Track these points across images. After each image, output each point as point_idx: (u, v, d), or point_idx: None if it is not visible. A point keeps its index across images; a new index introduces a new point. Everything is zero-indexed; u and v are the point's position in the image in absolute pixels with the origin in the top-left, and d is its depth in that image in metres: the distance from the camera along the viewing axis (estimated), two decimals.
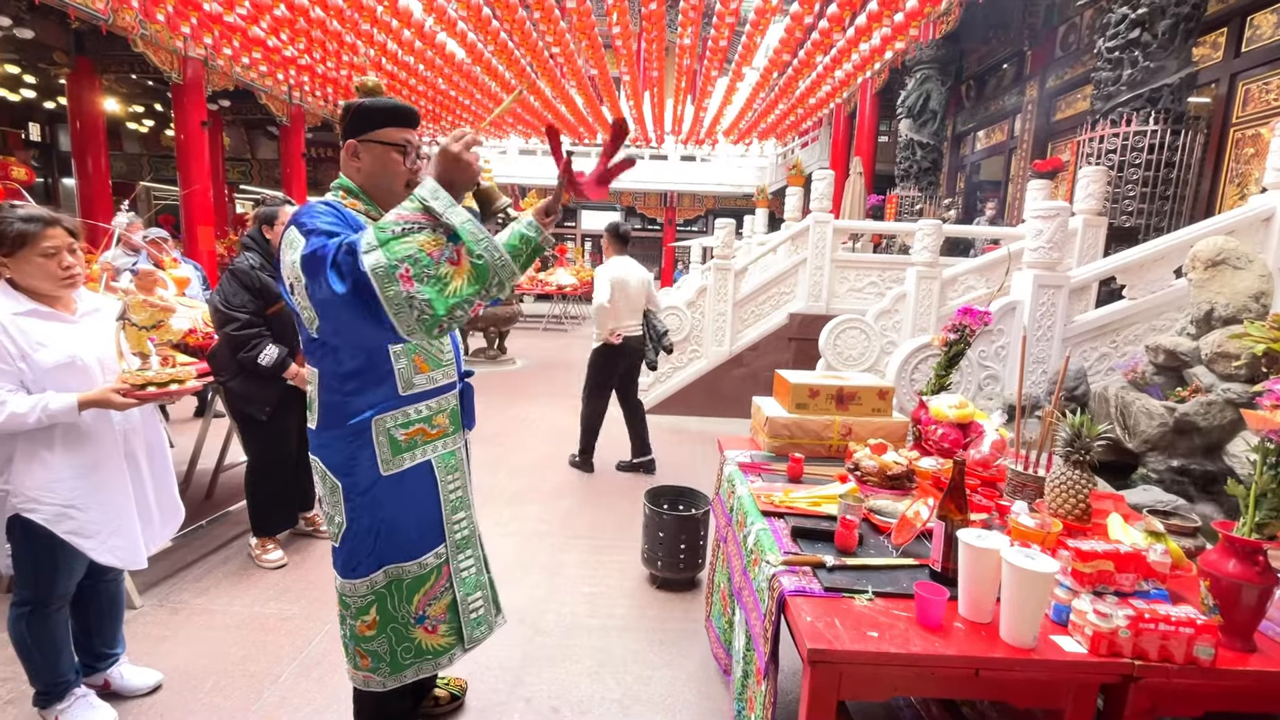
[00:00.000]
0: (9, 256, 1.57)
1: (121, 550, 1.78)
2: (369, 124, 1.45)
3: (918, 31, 7.15)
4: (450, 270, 1.22)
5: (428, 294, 1.19)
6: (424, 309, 1.19)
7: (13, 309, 1.58)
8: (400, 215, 1.21)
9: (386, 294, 1.17)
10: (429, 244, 1.20)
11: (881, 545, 1.55)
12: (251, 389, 2.62)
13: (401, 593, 1.57)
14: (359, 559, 1.53)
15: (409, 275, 1.18)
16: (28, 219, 1.57)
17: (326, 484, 1.52)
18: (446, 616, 1.65)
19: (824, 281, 5.49)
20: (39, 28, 8.30)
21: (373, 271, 1.16)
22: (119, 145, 14.79)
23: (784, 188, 14.79)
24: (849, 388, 2.24)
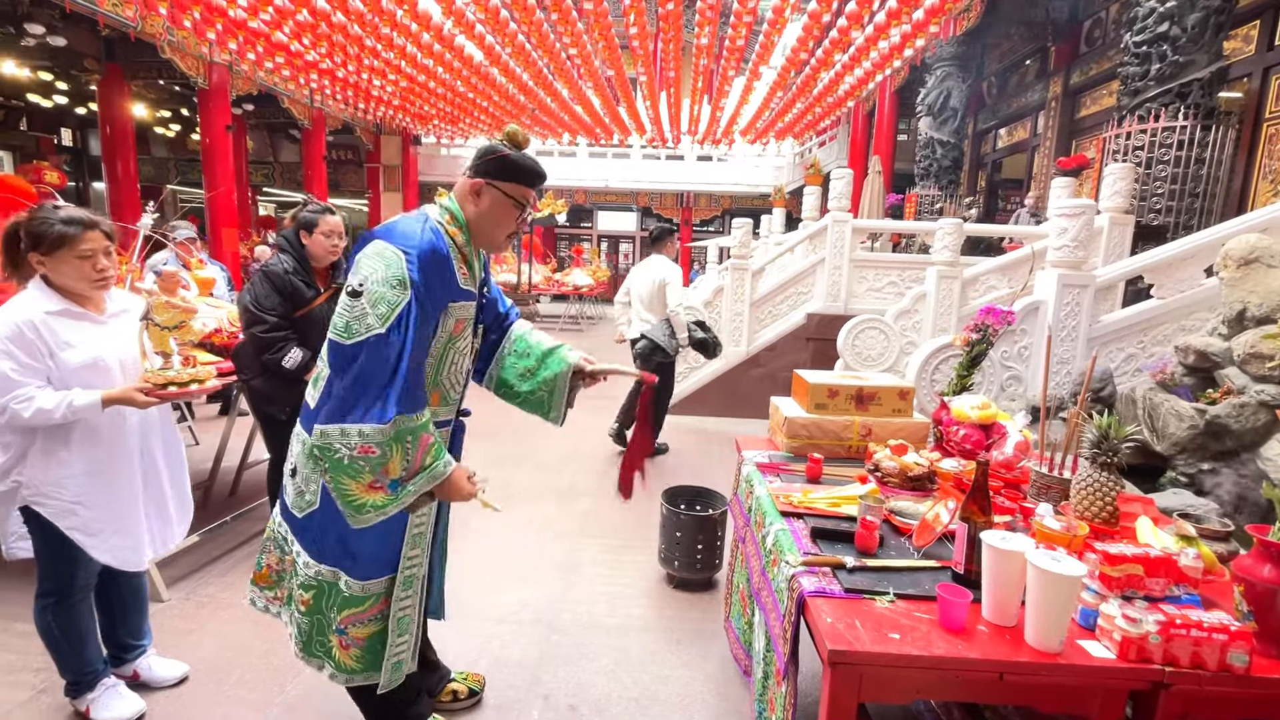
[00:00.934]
0: (47, 255, 1.61)
1: (121, 550, 1.80)
2: (506, 175, 1.50)
3: (938, 28, 7.07)
4: (364, 482, 1.41)
5: (345, 462, 1.38)
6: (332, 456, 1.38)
7: (46, 307, 1.62)
8: (424, 443, 1.41)
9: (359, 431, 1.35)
10: (391, 468, 1.39)
11: (902, 547, 1.54)
12: (273, 389, 2.66)
13: (335, 600, 1.55)
14: (316, 544, 1.53)
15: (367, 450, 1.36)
16: (68, 221, 1.61)
17: (309, 459, 1.49)
18: (365, 643, 1.59)
19: (842, 281, 5.45)
20: (71, 35, 8.52)
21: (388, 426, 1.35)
22: (147, 149, 15.13)
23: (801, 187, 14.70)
24: (869, 388, 2.22)
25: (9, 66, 10.08)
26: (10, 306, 1.60)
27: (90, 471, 1.71)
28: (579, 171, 16.74)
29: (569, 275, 13.04)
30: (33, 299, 1.62)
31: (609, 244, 20.17)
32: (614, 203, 18.36)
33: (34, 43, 8.29)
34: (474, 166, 1.52)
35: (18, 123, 12.41)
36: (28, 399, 1.55)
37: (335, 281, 2.82)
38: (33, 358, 1.57)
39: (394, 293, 1.35)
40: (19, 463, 1.66)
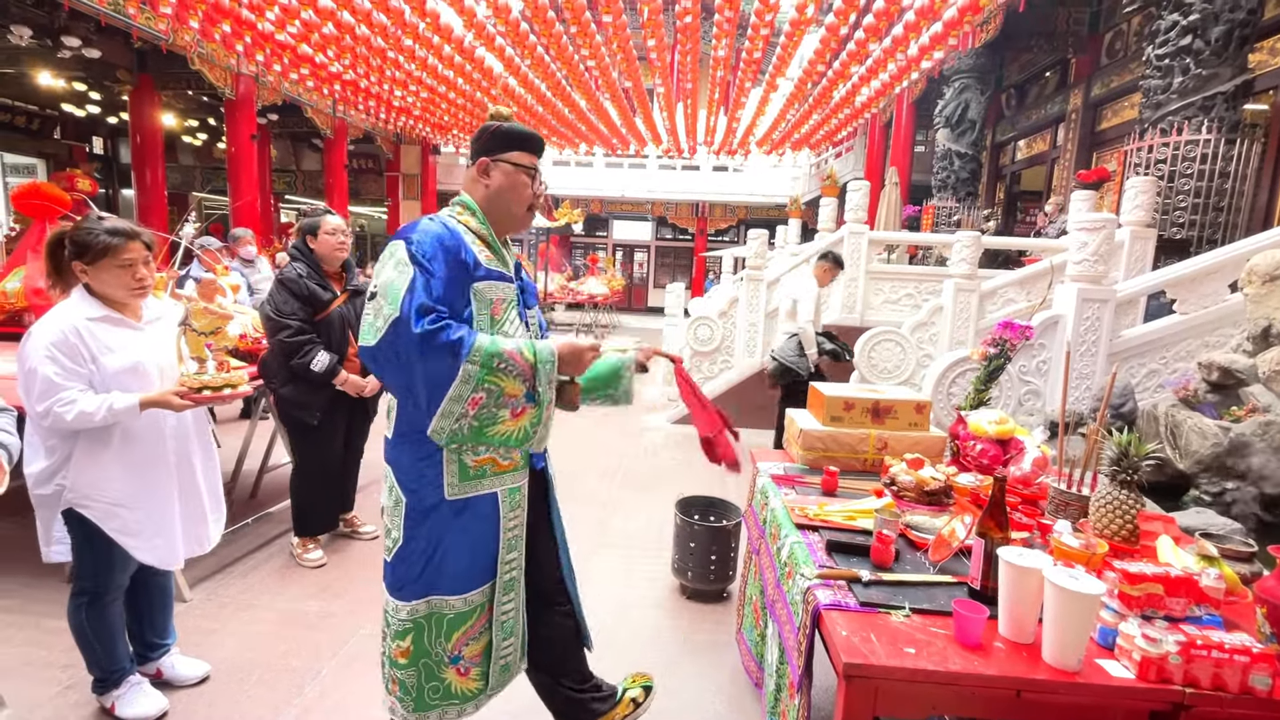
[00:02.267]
0: (90, 265, 1.67)
1: (161, 550, 1.86)
2: (504, 145, 1.51)
3: (957, 40, 7.07)
4: (506, 418, 1.40)
5: (475, 423, 1.38)
6: (462, 429, 1.38)
7: (88, 314, 1.68)
8: (512, 355, 1.37)
9: (449, 398, 1.34)
10: (512, 390, 1.38)
11: (918, 561, 1.54)
12: (302, 395, 2.72)
13: (441, 627, 1.50)
14: (406, 581, 1.48)
15: (481, 401, 1.36)
16: (112, 232, 1.67)
17: (392, 496, 1.49)
18: (480, 660, 1.57)
19: (858, 293, 5.43)
20: (105, 47, 8.78)
21: (461, 379, 1.33)
22: (174, 158, 15.48)
23: (817, 198, 14.68)
24: (885, 401, 2.22)
25: (45, 77, 10.39)
26: (55, 313, 1.66)
27: (130, 473, 1.76)
28: (595, 181, 16.88)
29: (584, 284, 13.12)
30: (76, 306, 1.68)
31: (624, 253, 20.26)
32: (629, 212, 18.46)
33: (70, 54, 8.55)
34: (473, 152, 1.54)
35: (52, 131, 12.78)
36: (70, 402, 1.60)
37: (349, 284, 2.89)
38: (75, 362, 1.63)
39: (399, 274, 1.35)
40: (63, 466, 1.71)
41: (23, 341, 1.65)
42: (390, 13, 6.61)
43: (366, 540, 3.21)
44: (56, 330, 1.63)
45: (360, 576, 2.86)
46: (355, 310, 2.86)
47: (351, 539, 3.21)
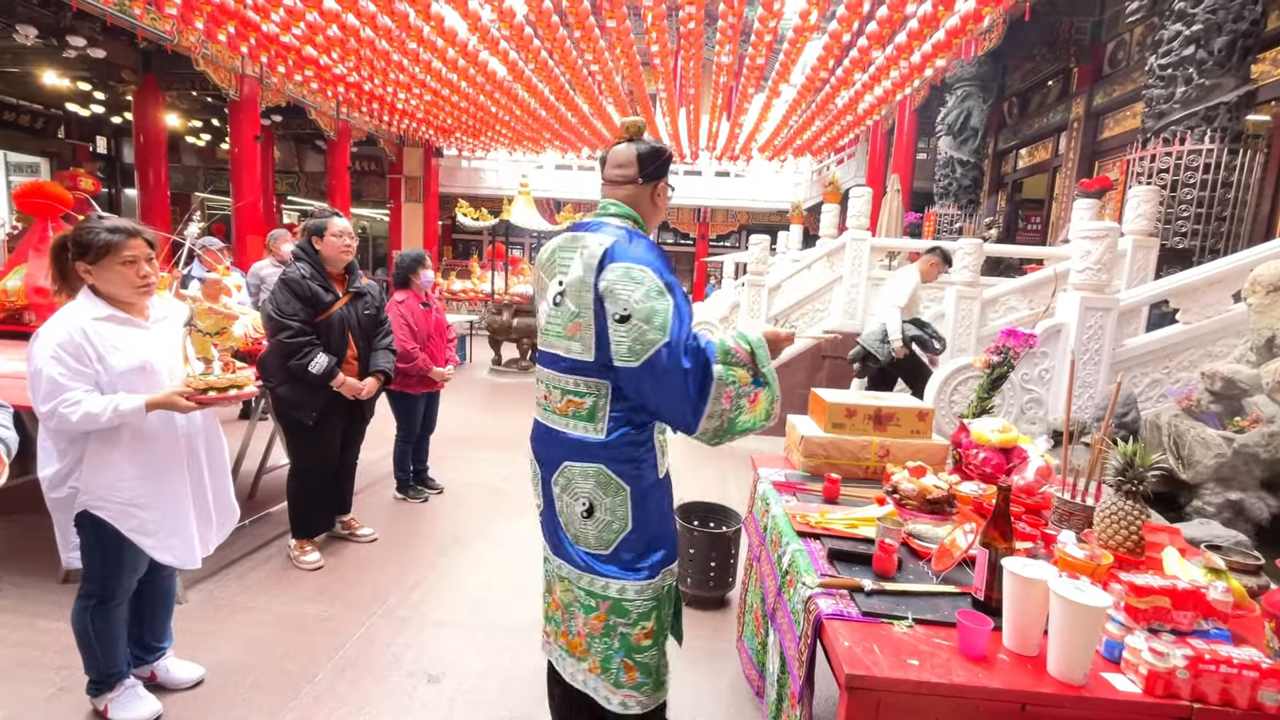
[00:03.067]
0: (94, 264, 1.66)
1: (178, 550, 1.85)
2: (666, 169, 1.66)
3: (959, 48, 7.09)
4: (746, 406, 1.50)
5: (733, 413, 1.48)
6: (723, 421, 1.47)
7: (93, 314, 1.67)
8: (734, 348, 1.50)
9: (712, 398, 1.44)
10: (744, 378, 1.49)
11: (921, 571, 1.52)
12: (299, 395, 2.71)
13: (670, 595, 1.60)
14: (645, 561, 1.54)
15: (731, 394, 1.46)
16: (113, 230, 1.67)
17: (609, 490, 1.51)
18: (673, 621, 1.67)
19: (859, 299, 5.43)
20: (110, 48, 8.81)
21: (718, 379, 1.44)
22: (177, 158, 15.52)
23: (819, 204, 14.69)
24: (887, 408, 2.21)
25: (50, 76, 10.42)
26: (61, 314, 1.65)
27: (142, 474, 1.75)
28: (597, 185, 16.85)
29: None
30: (82, 306, 1.68)
31: None
32: None
33: (75, 54, 8.58)
34: (649, 171, 1.62)
35: (55, 130, 12.81)
36: (75, 403, 1.59)
37: (352, 286, 2.88)
38: (81, 363, 1.62)
39: (660, 302, 1.43)
40: (75, 468, 1.71)
41: (30, 342, 1.64)
42: (395, 16, 6.62)
43: (364, 543, 3.19)
44: (62, 331, 1.62)
45: (357, 580, 2.85)
46: (356, 313, 2.85)
47: (349, 541, 3.19)
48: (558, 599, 1.65)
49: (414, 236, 15.57)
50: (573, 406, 1.55)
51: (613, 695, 1.55)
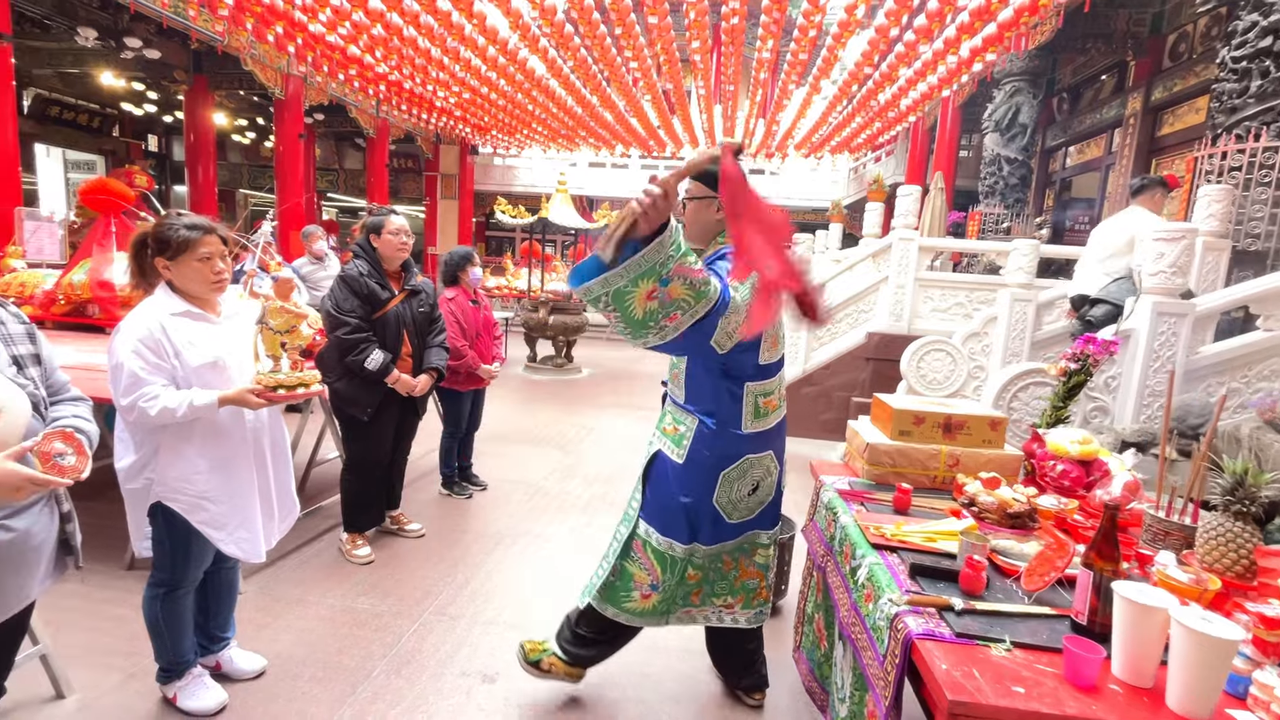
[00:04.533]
0: (172, 260, 1.69)
1: (245, 542, 1.87)
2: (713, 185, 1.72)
3: (1010, 42, 6.86)
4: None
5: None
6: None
7: (171, 309, 1.70)
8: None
9: None
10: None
11: (1009, 590, 1.45)
12: (356, 391, 2.73)
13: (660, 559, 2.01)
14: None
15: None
16: (191, 227, 1.69)
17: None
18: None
19: (906, 301, 5.29)
20: (164, 49, 9.09)
21: None
22: (223, 156, 15.96)
23: (856, 202, 14.43)
24: (957, 416, 2.13)
25: (107, 77, 10.80)
26: (140, 310, 1.69)
27: (213, 467, 1.78)
28: (631, 183, 16.83)
29: None
30: (160, 302, 1.71)
31: None
32: None
33: (131, 55, 8.87)
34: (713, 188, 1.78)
35: (111, 129, 13.27)
36: (153, 397, 1.62)
37: (408, 284, 2.89)
38: (160, 357, 1.65)
39: None
40: (150, 460, 1.74)
41: (112, 336, 1.68)
42: (438, 14, 6.68)
43: (412, 538, 3.21)
44: (142, 326, 1.65)
45: (407, 576, 2.86)
46: (411, 310, 2.87)
47: (397, 536, 3.22)
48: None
49: (449, 233, 15.75)
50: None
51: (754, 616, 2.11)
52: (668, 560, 1.94)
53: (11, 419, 1.20)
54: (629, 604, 1.97)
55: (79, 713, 1.92)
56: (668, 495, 1.93)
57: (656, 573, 1.95)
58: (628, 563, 1.99)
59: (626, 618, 1.98)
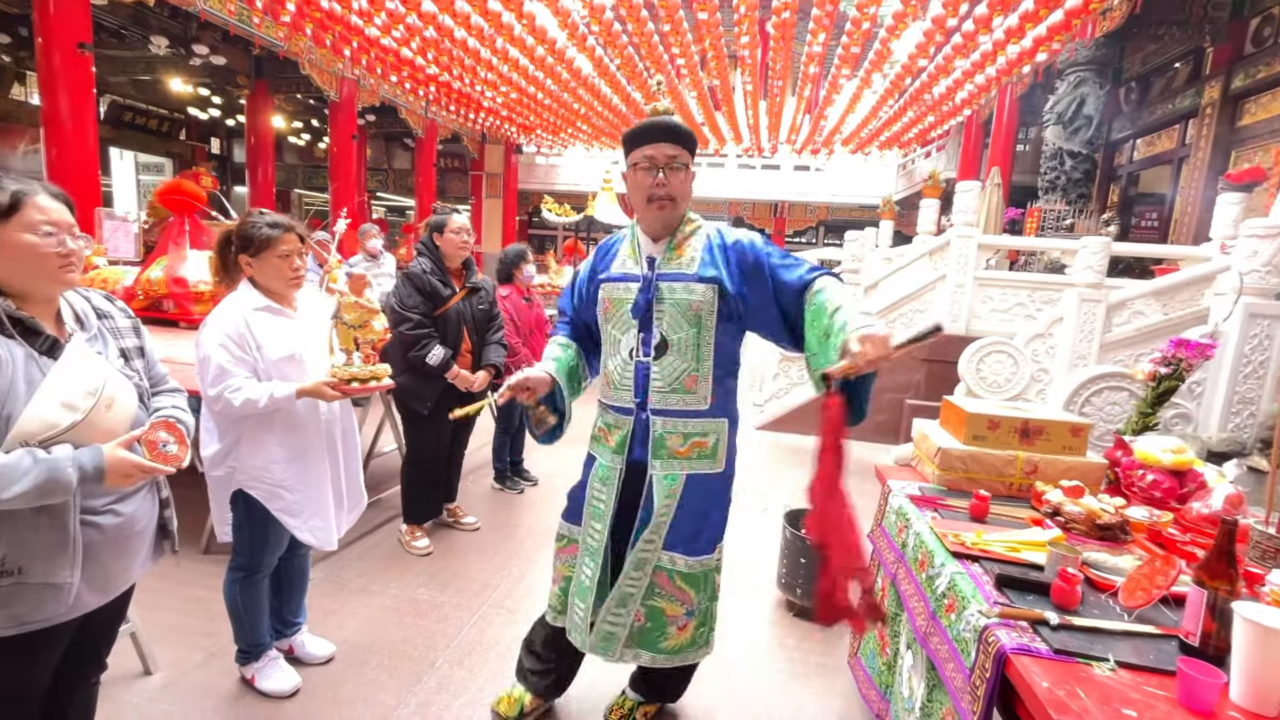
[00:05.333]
0: (254, 257, 1.76)
1: (319, 530, 1.93)
2: (626, 149, 1.66)
3: (1076, 31, 6.55)
4: None
5: None
6: None
7: (253, 304, 1.77)
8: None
9: None
10: None
11: (1104, 605, 1.38)
12: (417, 385, 2.79)
13: (557, 539, 1.90)
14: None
15: None
16: (273, 224, 1.75)
17: None
18: (561, 583, 1.86)
19: (965, 300, 5.12)
20: (229, 55, 9.48)
21: None
22: (280, 157, 16.57)
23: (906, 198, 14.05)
24: (1035, 421, 2.04)
25: (176, 83, 11.34)
26: (225, 305, 1.76)
27: (290, 457, 1.84)
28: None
29: None
30: (243, 298, 1.77)
31: None
32: (705, 212, 18.22)
33: (199, 62, 9.29)
34: None
35: (178, 133, 13.93)
36: (238, 389, 1.69)
37: (469, 281, 2.94)
38: (244, 350, 1.72)
39: None
40: (233, 449, 1.81)
41: (200, 330, 1.75)
42: (489, 15, 6.77)
43: (468, 531, 3.27)
44: (228, 321, 1.72)
45: (464, 568, 2.91)
46: (471, 307, 2.91)
47: (453, 529, 3.28)
48: None
49: (493, 232, 15.99)
50: None
51: None
52: None
53: (122, 410, 1.26)
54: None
55: (165, 689, 2.01)
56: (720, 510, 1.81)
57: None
58: (715, 604, 1.86)
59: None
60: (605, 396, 1.77)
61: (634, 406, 1.70)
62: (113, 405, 1.24)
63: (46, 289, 1.22)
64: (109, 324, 1.36)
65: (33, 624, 1.19)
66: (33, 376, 1.15)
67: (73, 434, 1.17)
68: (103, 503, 1.27)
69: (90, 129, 6.36)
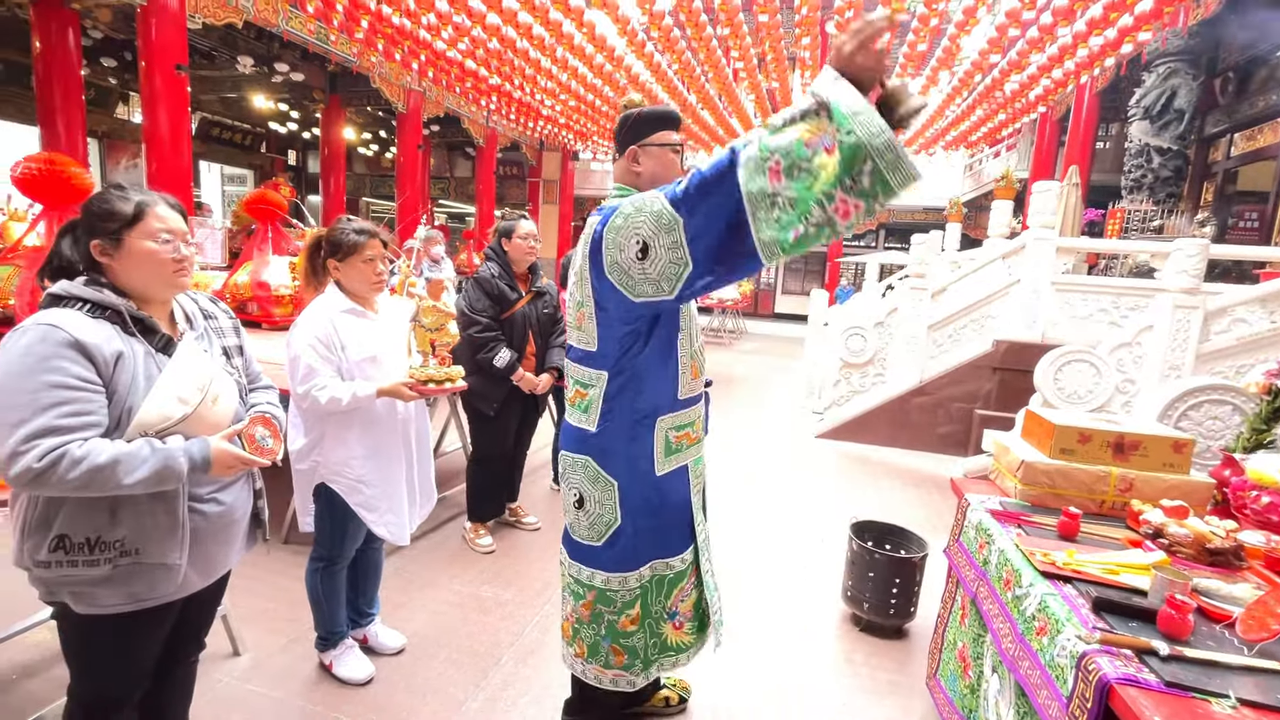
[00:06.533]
0: (342, 261, 1.84)
1: (393, 526, 2.01)
2: (651, 128, 1.57)
3: (1168, 20, 6.13)
4: (824, 160, 1.05)
5: (794, 190, 1.08)
6: (786, 207, 1.09)
7: (339, 307, 1.86)
8: (790, 108, 1.12)
9: (750, 189, 1.12)
10: (808, 132, 1.07)
11: (1219, 637, 1.27)
12: (484, 387, 2.87)
13: (663, 588, 1.64)
14: (630, 554, 1.59)
15: (778, 169, 1.09)
16: (359, 231, 1.84)
17: (598, 484, 1.56)
18: (692, 615, 1.71)
19: (1041, 306, 4.86)
20: (307, 71, 10.02)
21: (744, 165, 1.12)
22: (350, 167, 17.40)
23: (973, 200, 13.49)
24: (1131, 435, 1.91)
25: (259, 100, 12.08)
26: (314, 307, 1.85)
27: (369, 453, 1.92)
28: None
29: None
30: (330, 300, 1.87)
31: None
32: None
33: (279, 79, 9.86)
34: (620, 144, 1.60)
35: (259, 146, 14.84)
36: (323, 387, 1.77)
37: (534, 285, 2.99)
38: (330, 350, 1.81)
39: (647, 204, 1.32)
40: (318, 444, 1.91)
41: (290, 330, 1.85)
42: (549, 25, 6.91)
43: (529, 530, 3.32)
44: (317, 323, 1.81)
45: (526, 567, 2.96)
46: (536, 311, 2.97)
47: (515, 528, 3.34)
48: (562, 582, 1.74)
49: (549, 238, 16.29)
50: (579, 397, 1.59)
51: (603, 675, 1.65)
52: None
53: (225, 404, 1.34)
54: None
55: (253, 669, 2.13)
56: None
57: None
58: None
59: None
60: (690, 390, 1.59)
61: (702, 390, 1.70)
62: (218, 400, 1.32)
63: (163, 291, 1.31)
64: (213, 324, 1.45)
65: (147, 601, 1.28)
66: (150, 372, 1.24)
67: (182, 426, 1.26)
68: (207, 491, 1.35)
69: (185, 144, 6.84)
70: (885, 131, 1.02)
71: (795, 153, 1.08)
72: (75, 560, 1.21)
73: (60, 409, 1.12)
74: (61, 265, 1.27)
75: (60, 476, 1.10)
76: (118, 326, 1.23)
